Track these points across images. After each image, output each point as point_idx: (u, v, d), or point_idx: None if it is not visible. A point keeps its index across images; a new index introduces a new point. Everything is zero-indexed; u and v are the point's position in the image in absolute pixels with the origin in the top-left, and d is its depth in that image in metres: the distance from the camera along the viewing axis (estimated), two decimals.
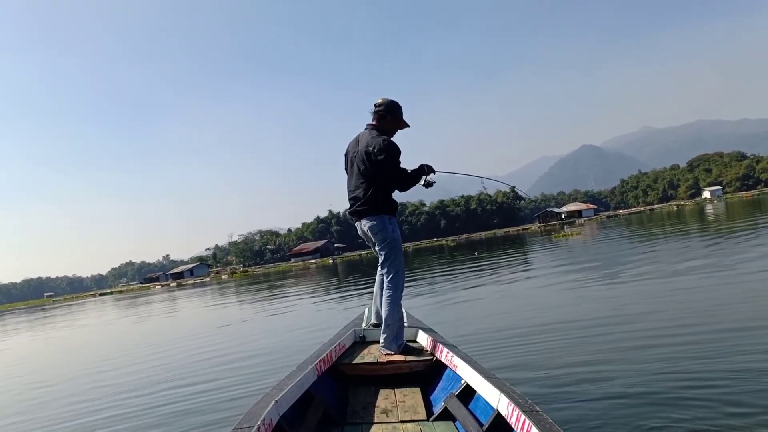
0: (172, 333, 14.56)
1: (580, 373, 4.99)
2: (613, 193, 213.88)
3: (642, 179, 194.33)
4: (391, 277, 4.21)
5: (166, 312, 23.54)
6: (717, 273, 10.11)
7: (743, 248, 13.69)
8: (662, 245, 19.00)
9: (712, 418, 3.67)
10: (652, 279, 10.63)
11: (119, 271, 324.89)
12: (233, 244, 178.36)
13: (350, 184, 4.36)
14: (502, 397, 2.74)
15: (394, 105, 4.35)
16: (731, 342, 5.34)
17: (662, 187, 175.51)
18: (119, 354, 11.26)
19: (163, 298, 39.10)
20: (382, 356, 3.99)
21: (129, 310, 29.68)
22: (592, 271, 13.64)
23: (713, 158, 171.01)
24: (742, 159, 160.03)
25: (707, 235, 20.93)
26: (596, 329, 6.72)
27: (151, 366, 8.98)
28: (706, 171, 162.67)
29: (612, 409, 4.04)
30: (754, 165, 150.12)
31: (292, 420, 2.97)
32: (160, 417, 5.58)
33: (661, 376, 4.63)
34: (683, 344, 5.50)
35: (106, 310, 34.34)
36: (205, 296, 32.26)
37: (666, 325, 6.45)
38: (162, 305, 28.97)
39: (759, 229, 19.20)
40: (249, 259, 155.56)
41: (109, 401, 6.74)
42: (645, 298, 8.56)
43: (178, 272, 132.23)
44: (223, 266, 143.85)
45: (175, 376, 7.74)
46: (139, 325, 18.80)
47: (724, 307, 7.00)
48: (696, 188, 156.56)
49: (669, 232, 26.40)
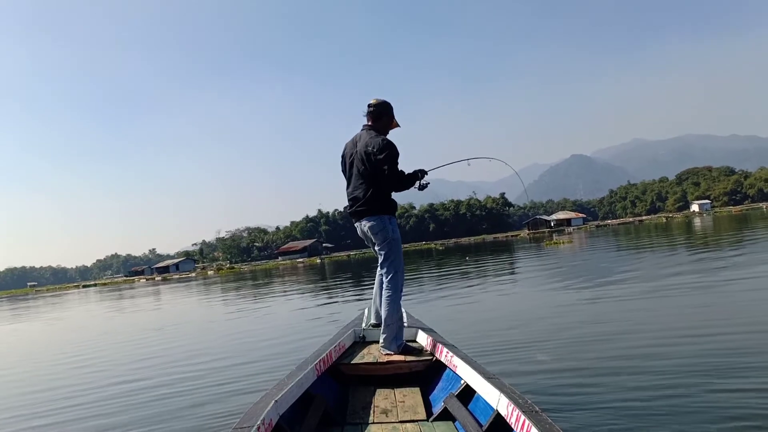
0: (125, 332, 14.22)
1: (580, 374, 4.99)
2: (601, 203, 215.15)
3: (631, 190, 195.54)
4: (390, 277, 4.22)
5: (140, 308, 23.28)
6: (715, 283, 10.11)
7: (735, 260, 13.74)
8: (656, 255, 19.03)
9: (711, 423, 3.66)
10: (651, 287, 10.58)
11: (104, 263, 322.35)
12: (220, 240, 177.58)
13: (349, 185, 4.38)
14: (502, 397, 2.73)
15: (388, 105, 4.42)
16: (734, 347, 5.37)
17: (650, 199, 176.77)
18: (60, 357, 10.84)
19: (147, 292, 38.92)
20: (382, 356, 3.99)
21: (105, 304, 29.53)
22: (587, 279, 13.60)
23: (702, 172, 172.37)
24: (730, 174, 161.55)
25: (701, 247, 20.98)
26: (597, 333, 6.71)
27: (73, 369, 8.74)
28: (694, 184, 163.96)
29: (612, 409, 4.03)
30: (742, 180, 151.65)
31: (292, 420, 2.95)
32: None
33: (662, 378, 4.63)
34: (684, 350, 5.48)
35: (83, 303, 33.93)
36: (184, 291, 31.99)
37: (668, 331, 6.44)
38: (140, 300, 28.69)
39: (750, 243, 19.29)
40: (236, 255, 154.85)
41: (93, 397, 6.62)
42: (644, 304, 8.56)
43: (164, 266, 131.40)
44: (210, 262, 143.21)
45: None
46: (100, 323, 18.46)
47: (726, 317, 6.99)
48: (684, 201, 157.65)
49: (661, 243, 26.52)
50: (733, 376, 4.56)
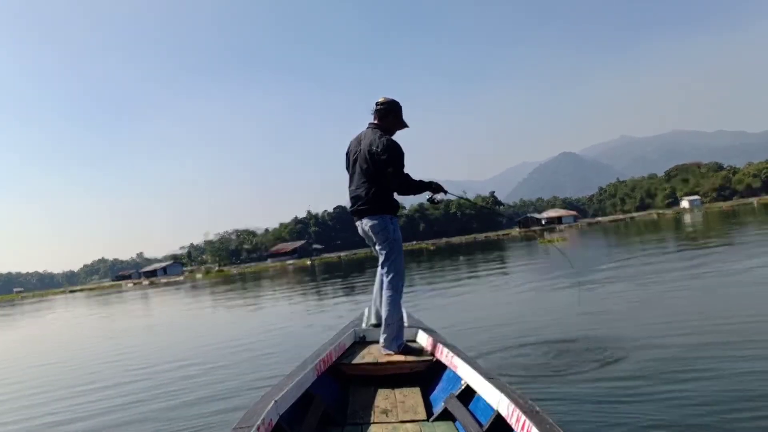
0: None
1: (579, 374, 4.98)
2: (591, 200, 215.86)
3: (620, 187, 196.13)
4: (391, 277, 4.20)
5: (132, 314, 23.37)
6: (716, 277, 10.14)
7: (729, 255, 13.90)
8: (653, 252, 18.96)
9: (712, 417, 3.69)
10: (653, 282, 10.56)
11: (91, 268, 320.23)
12: (209, 243, 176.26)
13: (352, 184, 4.35)
14: (503, 397, 2.73)
15: (396, 104, 4.37)
16: (737, 348, 5.29)
17: (640, 196, 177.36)
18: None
19: (134, 297, 38.70)
20: (382, 356, 3.98)
21: (88, 310, 29.01)
22: (586, 276, 13.45)
23: (691, 168, 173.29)
24: (719, 170, 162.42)
25: (696, 243, 21.09)
26: (596, 332, 6.66)
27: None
28: (683, 181, 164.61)
29: (612, 409, 4.01)
30: (730, 176, 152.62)
31: (292, 420, 2.95)
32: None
33: (663, 376, 4.62)
34: (687, 347, 5.45)
35: (64, 310, 33.40)
36: (173, 295, 31.42)
37: (673, 326, 6.43)
38: (129, 306, 28.21)
39: (746, 237, 19.50)
40: (225, 258, 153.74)
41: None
42: (648, 301, 8.54)
43: (151, 270, 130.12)
44: (198, 265, 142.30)
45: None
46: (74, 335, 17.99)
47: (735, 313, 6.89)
48: (673, 198, 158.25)
49: (655, 239, 26.56)
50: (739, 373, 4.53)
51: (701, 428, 3.59)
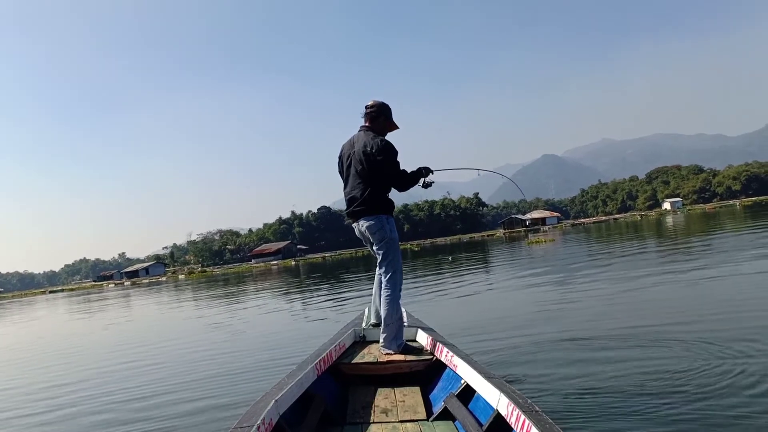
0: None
1: (580, 374, 4.93)
2: (573, 202, 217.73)
3: (602, 189, 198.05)
4: (389, 276, 4.22)
5: (121, 315, 22.94)
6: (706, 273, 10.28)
7: (710, 254, 13.93)
8: (637, 252, 19.15)
9: (713, 414, 3.67)
10: (644, 281, 10.57)
11: (72, 268, 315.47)
12: (192, 243, 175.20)
13: (347, 186, 4.39)
14: (502, 397, 2.74)
15: (385, 106, 4.42)
16: (728, 339, 5.36)
17: (621, 198, 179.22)
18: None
19: (117, 296, 38.23)
20: (382, 356, 3.98)
21: (63, 310, 28.35)
22: (576, 275, 13.49)
23: (671, 171, 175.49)
24: (699, 172, 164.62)
25: (678, 243, 21.25)
26: (595, 330, 6.64)
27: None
28: (664, 183, 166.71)
29: (612, 410, 3.98)
30: (710, 179, 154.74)
31: (292, 419, 2.95)
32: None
33: (664, 375, 4.60)
34: (685, 342, 5.49)
35: (42, 311, 32.88)
36: (155, 296, 31.15)
37: (669, 324, 6.44)
38: (116, 308, 28.07)
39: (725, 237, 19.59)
40: (208, 259, 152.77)
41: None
42: (642, 300, 8.53)
43: (133, 270, 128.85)
44: (181, 266, 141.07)
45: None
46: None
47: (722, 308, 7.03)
48: (654, 200, 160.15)
49: (638, 240, 26.71)
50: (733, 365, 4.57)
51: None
